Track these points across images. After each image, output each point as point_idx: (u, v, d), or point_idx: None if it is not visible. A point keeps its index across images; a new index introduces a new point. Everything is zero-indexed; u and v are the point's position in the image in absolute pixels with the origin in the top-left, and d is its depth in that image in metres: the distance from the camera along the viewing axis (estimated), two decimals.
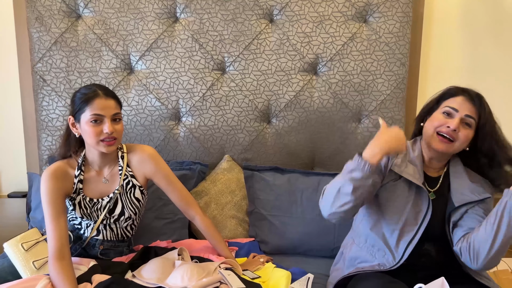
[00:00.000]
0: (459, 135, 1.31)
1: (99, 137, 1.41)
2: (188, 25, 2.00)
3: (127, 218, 1.55)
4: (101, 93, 1.42)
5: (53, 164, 1.49)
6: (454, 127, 1.30)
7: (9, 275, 1.45)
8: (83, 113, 1.41)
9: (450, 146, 1.33)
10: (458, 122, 1.31)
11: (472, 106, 1.33)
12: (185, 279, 1.35)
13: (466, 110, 1.32)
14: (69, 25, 1.99)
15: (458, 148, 1.34)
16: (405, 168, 1.38)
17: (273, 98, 2.05)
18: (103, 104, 1.41)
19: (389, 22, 2.00)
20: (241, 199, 1.97)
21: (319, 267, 1.68)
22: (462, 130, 1.31)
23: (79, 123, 1.43)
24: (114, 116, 1.43)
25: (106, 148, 1.43)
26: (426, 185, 1.41)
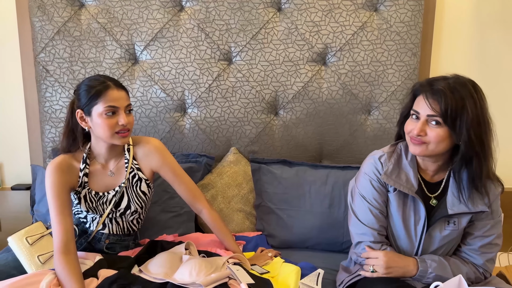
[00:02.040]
0: (429, 136, 1.23)
1: (114, 129, 1.37)
2: (193, 14, 1.95)
3: (133, 212, 1.52)
4: (112, 84, 1.39)
5: (57, 157, 1.46)
6: (416, 132, 1.23)
7: (13, 270, 1.43)
8: (95, 106, 1.36)
9: (424, 148, 1.25)
10: (420, 126, 1.23)
11: (436, 102, 1.20)
12: (193, 274, 1.33)
13: (428, 110, 1.21)
14: (72, 14, 1.94)
15: (437, 149, 1.24)
16: (396, 177, 1.32)
17: (281, 89, 2.01)
18: (116, 95, 1.38)
19: (401, 11, 1.95)
20: (248, 192, 1.94)
21: (327, 262, 1.65)
22: (431, 130, 1.22)
23: (90, 117, 1.39)
24: (128, 107, 1.41)
25: (120, 140, 1.40)
26: (426, 191, 1.35)
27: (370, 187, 1.37)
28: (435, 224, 1.33)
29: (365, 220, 1.37)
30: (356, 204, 1.41)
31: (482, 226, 1.33)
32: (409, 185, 1.31)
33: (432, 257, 1.32)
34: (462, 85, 1.21)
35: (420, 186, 1.34)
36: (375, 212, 1.36)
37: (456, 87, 1.20)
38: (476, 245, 1.35)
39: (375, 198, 1.36)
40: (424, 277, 1.29)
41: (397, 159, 1.35)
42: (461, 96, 1.18)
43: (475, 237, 1.35)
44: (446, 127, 1.20)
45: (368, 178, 1.37)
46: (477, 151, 1.20)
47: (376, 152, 1.41)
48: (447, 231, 1.32)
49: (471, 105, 1.18)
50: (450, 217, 1.32)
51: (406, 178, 1.32)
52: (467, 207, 1.28)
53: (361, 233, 1.37)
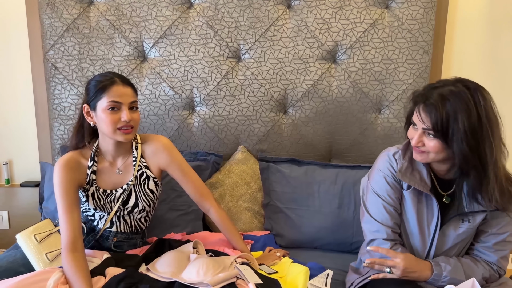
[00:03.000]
0: (427, 147, 1.22)
1: (116, 125, 1.37)
2: (202, 11, 1.94)
3: (141, 210, 1.52)
4: (118, 80, 1.39)
5: (65, 154, 1.45)
6: (414, 143, 1.24)
7: (21, 267, 1.43)
8: (99, 101, 1.37)
9: (425, 157, 1.25)
10: (417, 138, 1.22)
11: (427, 116, 1.18)
12: (200, 273, 1.31)
13: (423, 123, 1.20)
14: (81, 11, 1.93)
15: (437, 157, 1.23)
16: (410, 175, 1.31)
17: (290, 87, 1.99)
18: (121, 91, 1.37)
19: (413, 8, 1.91)
20: (256, 191, 1.92)
21: (336, 262, 1.63)
22: (429, 141, 1.21)
23: (95, 111, 1.39)
24: (132, 104, 1.40)
25: (123, 137, 1.39)
26: (439, 189, 1.33)
27: (384, 183, 1.35)
28: (449, 222, 1.31)
29: (378, 217, 1.35)
30: (369, 201, 1.39)
31: (497, 223, 1.31)
32: (423, 183, 1.29)
33: (447, 259, 1.30)
34: (457, 95, 1.16)
35: (433, 183, 1.32)
36: (389, 208, 1.34)
37: (450, 99, 1.16)
38: (490, 242, 1.33)
39: (389, 195, 1.34)
40: (439, 281, 1.27)
41: (410, 156, 1.33)
42: (454, 108, 1.14)
43: (489, 235, 1.33)
44: (439, 139, 1.19)
45: (382, 174, 1.36)
46: (475, 164, 1.17)
47: (390, 149, 1.39)
48: (462, 229, 1.31)
49: (464, 117, 1.13)
50: (465, 215, 1.30)
51: (420, 176, 1.31)
52: (481, 204, 1.26)
53: (374, 230, 1.35)
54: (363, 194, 1.43)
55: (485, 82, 2.12)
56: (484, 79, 2.07)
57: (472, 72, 2.08)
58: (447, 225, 1.31)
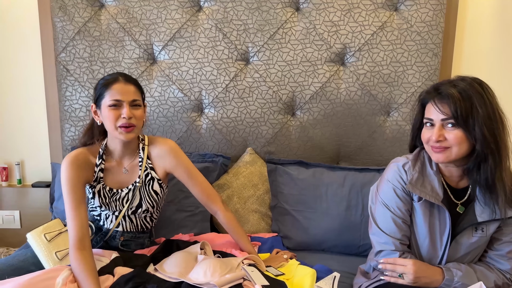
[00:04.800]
0: (449, 140, 1.19)
1: (116, 122, 1.38)
2: (211, 14, 1.96)
3: (144, 211, 1.53)
4: (121, 78, 1.41)
5: (73, 151, 1.47)
6: (435, 138, 1.20)
7: (32, 266, 1.45)
8: (103, 99, 1.40)
9: (448, 153, 1.21)
10: (437, 132, 1.20)
11: (446, 105, 1.18)
12: (207, 274, 1.32)
13: (440, 115, 1.19)
14: (92, 14, 1.96)
15: (460, 152, 1.20)
16: (421, 186, 1.28)
17: (298, 89, 1.99)
18: (122, 88, 1.39)
19: (422, 10, 1.91)
20: (264, 193, 1.93)
21: (344, 265, 1.62)
22: (449, 133, 1.19)
23: (100, 110, 1.42)
24: (133, 102, 1.41)
25: (123, 135, 1.40)
26: (453, 198, 1.30)
27: (393, 195, 1.32)
28: (463, 232, 1.28)
29: (387, 229, 1.32)
30: (377, 212, 1.36)
31: (510, 231, 1.29)
32: (435, 194, 1.26)
33: (458, 265, 1.28)
34: (468, 84, 1.19)
35: (446, 193, 1.30)
36: (398, 221, 1.31)
37: (463, 88, 1.18)
38: (504, 250, 1.30)
39: (398, 207, 1.31)
40: (450, 286, 1.24)
41: (421, 167, 1.31)
42: (469, 95, 1.16)
43: (503, 243, 1.30)
44: (461, 128, 1.18)
45: (391, 186, 1.32)
46: (492, 148, 1.16)
47: (400, 159, 1.35)
48: (475, 238, 1.28)
49: (480, 103, 1.16)
50: (478, 224, 1.27)
51: (431, 186, 1.27)
52: (495, 213, 1.23)
53: (383, 242, 1.32)
54: (371, 204, 1.40)
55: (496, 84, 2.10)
56: (494, 81, 2.04)
57: (482, 75, 2.04)
58: (461, 234, 1.28)
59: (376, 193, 1.38)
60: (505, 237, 1.29)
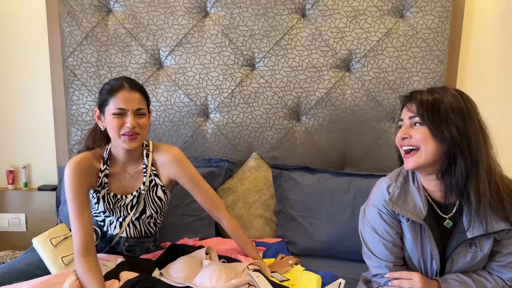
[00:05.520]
0: (414, 138, 1.16)
1: (120, 130, 1.37)
2: (218, 20, 1.97)
3: (148, 217, 1.53)
4: (127, 85, 1.39)
5: (77, 156, 1.45)
6: (401, 136, 1.18)
7: (37, 270, 1.46)
8: (107, 105, 1.38)
9: (417, 156, 1.16)
10: (404, 129, 1.19)
11: (413, 104, 1.17)
12: (213, 279, 1.32)
13: (408, 113, 1.18)
14: (99, 19, 1.98)
15: (427, 152, 1.15)
16: (402, 203, 1.22)
17: (304, 95, 2.00)
18: (127, 97, 1.37)
19: (427, 17, 1.91)
20: (268, 198, 1.93)
21: (349, 271, 1.61)
22: (414, 132, 1.16)
23: (104, 116, 1.41)
24: (138, 111, 1.39)
25: (127, 144, 1.39)
26: (440, 213, 1.24)
27: (380, 220, 1.27)
28: (457, 249, 1.22)
29: (379, 254, 1.28)
30: (367, 236, 1.32)
31: (510, 243, 1.25)
32: (417, 211, 1.21)
33: (456, 275, 1.24)
34: (442, 88, 1.19)
35: (432, 208, 1.24)
36: (389, 245, 1.27)
37: (435, 89, 1.18)
38: (505, 261, 1.26)
39: (386, 231, 1.27)
40: None
41: (403, 182, 1.26)
42: (440, 94, 1.15)
43: (504, 255, 1.26)
44: (426, 126, 1.14)
45: (377, 210, 1.28)
46: (462, 149, 1.11)
47: (383, 181, 1.30)
48: (470, 254, 1.23)
49: (451, 101, 1.13)
50: (471, 240, 1.21)
51: (414, 203, 1.22)
52: (484, 228, 1.17)
53: (377, 266, 1.29)
54: (361, 226, 1.35)
55: (501, 91, 2.11)
56: (500, 88, 2.06)
57: (488, 82, 2.07)
58: (455, 252, 1.23)
59: (365, 217, 1.33)
60: (505, 249, 1.25)
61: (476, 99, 2.15)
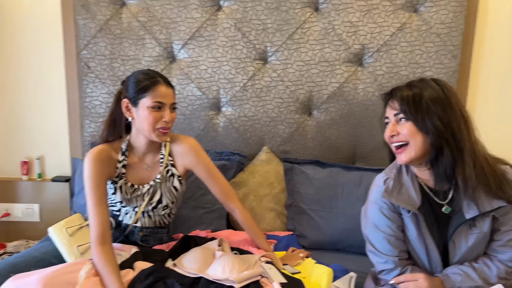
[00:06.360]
0: (402, 134, 1.20)
1: (156, 124, 1.41)
2: (231, 14, 1.97)
3: (164, 207, 1.55)
4: (162, 81, 1.43)
5: (96, 147, 1.47)
6: (389, 133, 1.22)
7: (53, 258, 1.49)
8: (143, 98, 1.40)
9: (408, 151, 1.20)
10: (391, 127, 1.22)
11: (395, 101, 1.21)
12: (226, 270, 1.34)
13: (392, 110, 1.22)
14: (114, 12, 1.99)
15: (417, 145, 1.18)
16: (397, 194, 1.26)
17: (316, 89, 2.00)
18: (165, 91, 1.41)
19: (442, 12, 1.90)
20: (279, 192, 1.94)
21: (360, 265, 1.61)
22: (402, 127, 1.20)
23: (136, 108, 1.42)
24: (173, 105, 1.45)
25: (160, 137, 1.43)
26: (437, 200, 1.27)
27: (381, 216, 1.29)
28: (457, 232, 1.24)
29: (383, 250, 1.30)
30: (370, 233, 1.34)
31: (508, 219, 1.24)
32: (411, 201, 1.24)
33: (456, 268, 1.25)
34: (420, 80, 1.23)
35: (428, 196, 1.27)
36: (392, 240, 1.29)
37: (412, 83, 1.22)
38: (503, 239, 1.25)
39: (389, 226, 1.29)
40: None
41: (397, 174, 1.30)
42: (419, 87, 1.19)
43: (502, 232, 1.25)
44: (411, 121, 1.18)
45: (377, 207, 1.30)
46: (447, 139, 1.15)
47: (379, 177, 1.34)
48: (473, 237, 1.24)
49: (432, 96, 1.16)
50: (470, 222, 1.24)
51: (408, 193, 1.25)
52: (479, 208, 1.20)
53: (382, 262, 1.31)
54: (363, 227, 1.37)
55: None
56: None
57: (502, 78, 2.05)
58: (456, 235, 1.25)
59: (365, 216, 1.36)
60: (503, 226, 1.25)
61: (490, 95, 2.15)
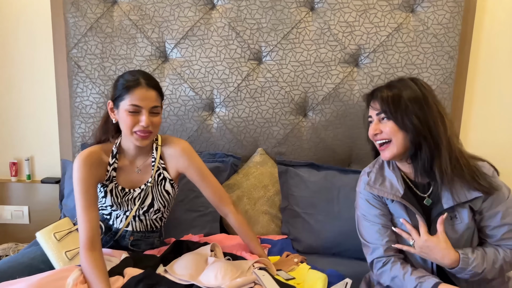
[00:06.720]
0: (385, 132, 1.26)
1: (133, 128, 1.36)
2: (225, 12, 1.93)
3: (156, 210, 1.52)
4: (144, 82, 1.37)
5: (86, 149, 1.44)
6: (372, 132, 1.29)
7: (41, 264, 1.44)
8: (122, 101, 1.36)
9: (391, 148, 1.26)
10: (374, 126, 1.28)
11: (376, 101, 1.28)
12: (218, 277, 1.31)
13: (374, 111, 1.28)
14: (104, 10, 1.95)
15: (398, 142, 1.24)
16: (380, 185, 1.32)
17: (311, 90, 1.97)
18: (144, 95, 1.35)
19: (439, 12, 1.87)
20: (274, 195, 1.91)
21: (355, 270, 1.59)
22: (384, 126, 1.26)
23: (118, 110, 1.39)
24: (153, 109, 1.38)
25: (139, 141, 1.39)
26: (419, 192, 1.31)
27: (367, 205, 1.35)
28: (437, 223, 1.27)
29: (370, 239, 1.34)
30: (361, 226, 1.38)
31: (494, 214, 1.25)
32: (394, 191, 1.30)
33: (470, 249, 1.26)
34: (399, 80, 1.29)
35: (410, 189, 1.32)
36: (379, 228, 1.32)
37: (392, 84, 1.28)
38: (497, 236, 1.27)
39: (375, 215, 1.33)
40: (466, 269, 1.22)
41: (379, 168, 1.37)
42: (398, 87, 1.25)
43: (492, 228, 1.27)
44: (392, 120, 1.24)
45: (363, 197, 1.37)
46: (425, 136, 1.21)
47: (365, 169, 1.41)
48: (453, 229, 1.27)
49: (409, 96, 1.22)
50: (451, 212, 1.27)
51: (391, 184, 1.31)
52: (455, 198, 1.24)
53: (370, 253, 1.34)
54: (356, 223, 1.41)
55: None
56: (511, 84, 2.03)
57: (499, 78, 2.03)
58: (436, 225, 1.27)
59: (356, 209, 1.41)
60: (490, 222, 1.27)
61: (487, 96, 2.14)
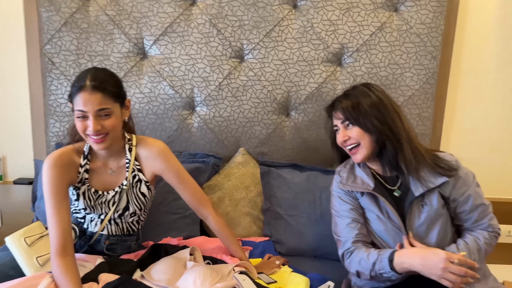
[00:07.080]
0: (352, 137, 1.34)
1: (85, 132, 1.31)
2: (206, 9, 1.88)
3: (131, 214, 1.47)
4: (88, 84, 1.27)
5: (56, 150, 1.38)
6: (341, 139, 1.36)
7: (11, 270, 1.37)
8: (73, 105, 1.31)
9: (361, 150, 1.35)
10: (341, 133, 1.36)
11: (338, 112, 1.37)
12: (197, 282, 1.26)
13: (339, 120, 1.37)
14: (80, 5, 1.88)
15: (366, 145, 1.33)
16: (352, 183, 1.41)
17: (294, 89, 1.93)
18: (86, 99, 1.26)
19: (422, 12, 1.86)
20: (256, 196, 1.87)
21: (338, 272, 1.57)
22: (351, 132, 1.34)
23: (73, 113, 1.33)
24: (100, 112, 1.28)
25: (95, 146, 1.33)
26: (387, 185, 1.39)
27: (340, 202, 1.42)
28: (411, 211, 1.34)
29: (341, 233, 1.40)
30: (333, 223, 1.45)
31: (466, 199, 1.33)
32: (365, 185, 1.38)
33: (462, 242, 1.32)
34: (354, 88, 1.39)
35: (379, 183, 1.39)
36: (348, 221, 1.39)
37: (348, 93, 1.38)
38: (471, 220, 1.35)
39: (347, 210, 1.40)
40: None
41: (350, 168, 1.45)
42: (355, 96, 1.34)
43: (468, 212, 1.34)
44: (357, 126, 1.32)
45: (336, 195, 1.45)
46: (387, 135, 1.30)
47: (337, 169, 1.50)
48: (424, 214, 1.33)
49: (366, 100, 1.32)
50: (421, 200, 1.34)
51: (362, 180, 1.39)
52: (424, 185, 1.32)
53: (341, 247, 1.39)
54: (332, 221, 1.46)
55: (495, 88, 2.08)
56: (494, 85, 2.03)
57: (481, 79, 2.03)
58: (409, 214, 1.33)
59: (331, 209, 1.47)
60: (465, 207, 1.34)
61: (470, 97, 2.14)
